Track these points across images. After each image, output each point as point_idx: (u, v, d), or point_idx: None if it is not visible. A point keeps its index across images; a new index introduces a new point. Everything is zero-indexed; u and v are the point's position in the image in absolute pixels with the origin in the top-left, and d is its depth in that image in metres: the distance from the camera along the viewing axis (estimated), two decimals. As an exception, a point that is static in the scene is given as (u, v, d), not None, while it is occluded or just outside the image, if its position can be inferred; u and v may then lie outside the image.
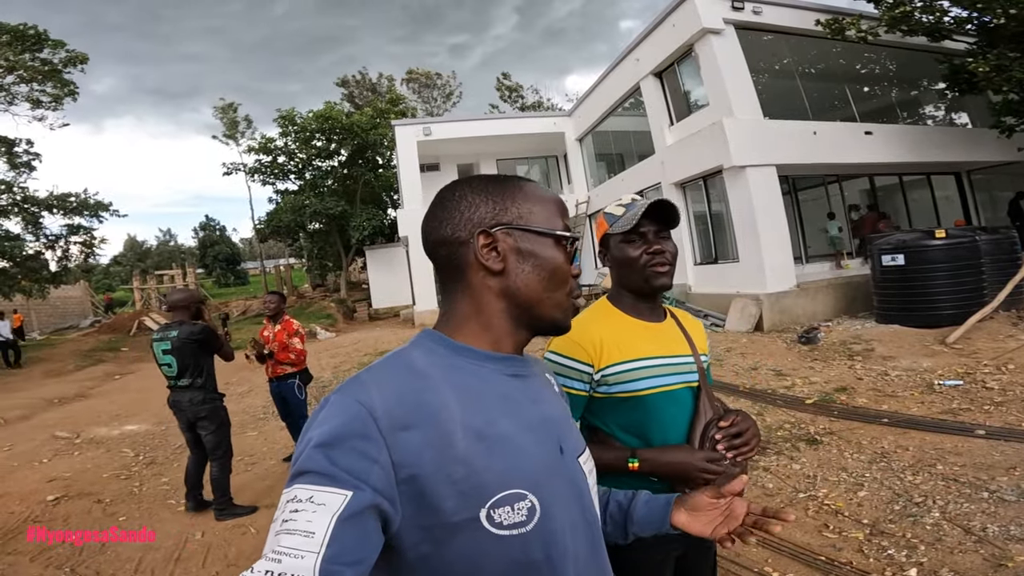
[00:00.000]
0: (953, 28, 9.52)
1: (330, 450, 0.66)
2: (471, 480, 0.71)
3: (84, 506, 4.44)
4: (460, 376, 0.78)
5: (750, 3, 10.40)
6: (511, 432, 0.77)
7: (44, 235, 17.92)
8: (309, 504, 0.63)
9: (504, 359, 0.84)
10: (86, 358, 15.62)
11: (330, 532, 0.61)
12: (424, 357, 0.80)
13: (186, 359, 3.94)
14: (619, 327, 1.40)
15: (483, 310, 0.83)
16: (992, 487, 3.35)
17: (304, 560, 0.59)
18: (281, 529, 0.62)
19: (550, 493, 0.77)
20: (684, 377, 1.38)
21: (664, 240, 1.40)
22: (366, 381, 0.74)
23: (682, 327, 1.48)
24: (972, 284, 7.58)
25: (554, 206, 0.88)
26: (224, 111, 32.60)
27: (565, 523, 0.78)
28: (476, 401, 0.76)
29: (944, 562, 2.67)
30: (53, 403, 9.78)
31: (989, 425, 4.35)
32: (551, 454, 0.81)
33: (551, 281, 0.84)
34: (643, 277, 1.39)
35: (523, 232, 0.83)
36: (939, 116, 14.87)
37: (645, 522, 1.03)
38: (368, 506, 0.64)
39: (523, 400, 0.82)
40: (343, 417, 0.68)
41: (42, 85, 16.73)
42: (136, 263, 51.67)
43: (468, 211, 0.83)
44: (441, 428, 0.71)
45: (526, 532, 0.73)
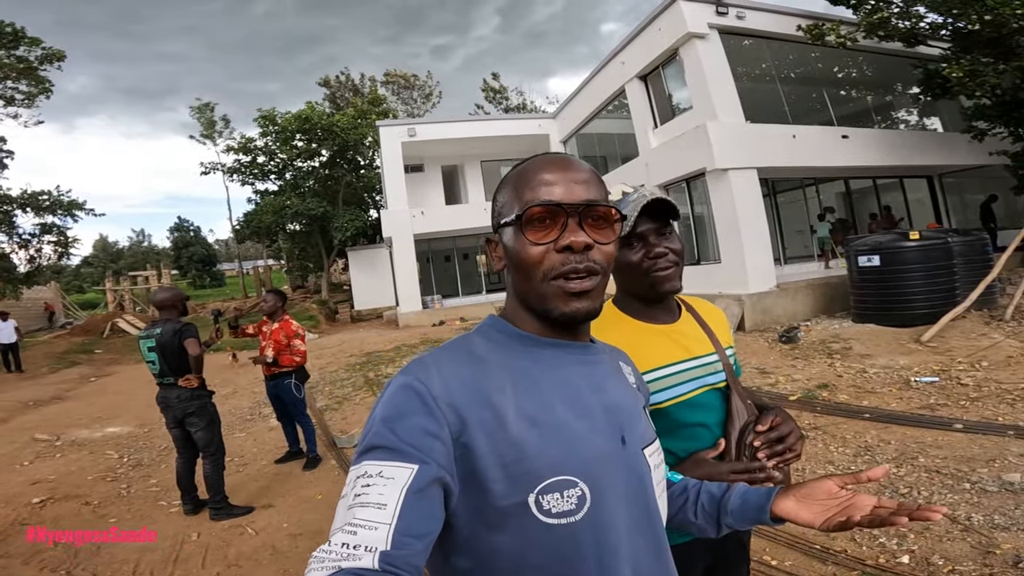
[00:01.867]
0: (928, 33, 9.79)
1: (394, 426, 0.69)
2: (521, 464, 0.71)
3: (72, 508, 4.36)
4: (518, 360, 0.80)
5: (734, 8, 10.59)
6: (567, 418, 0.76)
7: (17, 234, 17.46)
8: (379, 479, 0.65)
9: (567, 345, 0.84)
10: (60, 360, 15.25)
11: (401, 504, 0.63)
12: (485, 343, 0.82)
13: (170, 356, 3.91)
14: (630, 334, 1.24)
15: (515, 304, 0.87)
16: (973, 478, 3.47)
17: (378, 531, 0.61)
18: (355, 502, 0.64)
19: (604, 484, 0.75)
20: (708, 379, 1.27)
21: (667, 238, 1.25)
22: (428, 363, 0.76)
23: (701, 321, 1.35)
24: (945, 284, 7.82)
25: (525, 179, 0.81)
26: (200, 111, 32.09)
27: (620, 516, 0.76)
28: (532, 386, 0.77)
29: (934, 549, 2.77)
30: (29, 406, 9.54)
31: (967, 419, 4.51)
32: (610, 443, 0.78)
33: (520, 273, 0.81)
34: (647, 283, 1.25)
35: (503, 228, 0.83)
36: (913, 120, 15.28)
37: (740, 512, 0.94)
38: (433, 480, 0.66)
39: (584, 387, 0.81)
40: (405, 396, 0.71)
41: (16, 82, 16.33)
42: (108, 264, 50.53)
43: (493, 216, 0.88)
44: (495, 411, 0.73)
45: (575, 522, 0.72)
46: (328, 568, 0.59)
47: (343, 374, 9.71)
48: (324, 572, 0.59)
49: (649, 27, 11.56)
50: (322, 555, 0.61)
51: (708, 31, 10.41)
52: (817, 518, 0.86)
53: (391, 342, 12.92)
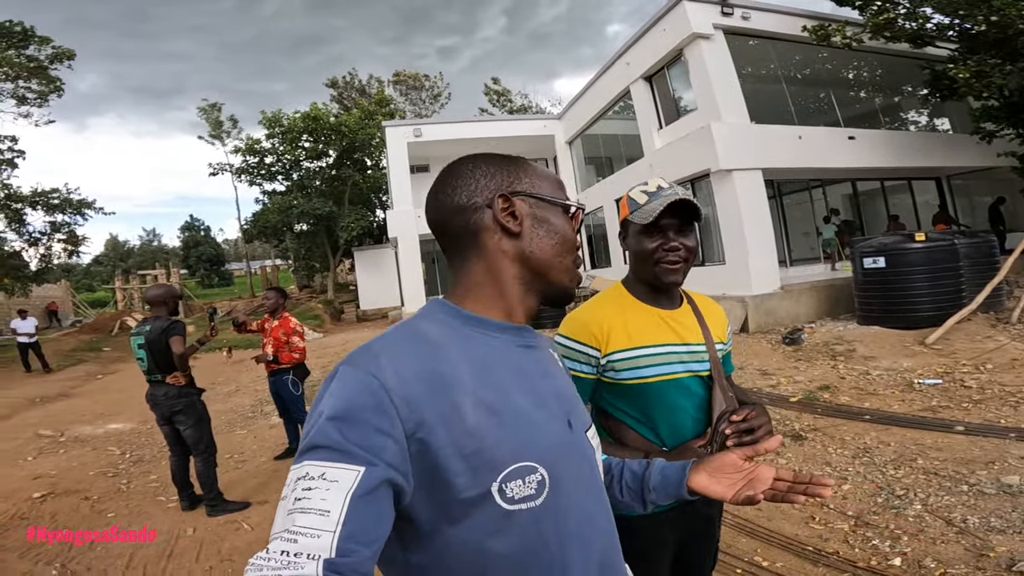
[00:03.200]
0: (935, 34, 9.72)
1: (342, 424, 0.64)
2: (483, 454, 0.70)
3: (71, 503, 4.40)
4: (472, 347, 0.77)
5: (739, 8, 10.56)
6: (523, 405, 0.76)
7: (27, 232, 17.65)
8: (322, 481, 0.61)
9: (517, 329, 0.84)
10: (67, 358, 15.39)
11: (346, 510, 0.60)
12: (435, 328, 0.78)
13: (158, 353, 3.91)
14: (629, 313, 1.39)
15: (499, 276, 0.84)
16: (972, 480, 3.44)
17: (321, 539, 0.58)
18: (295, 508, 0.61)
19: (560, 468, 0.76)
20: (693, 366, 1.37)
21: (685, 236, 1.37)
22: (378, 352, 0.72)
23: (699, 314, 1.45)
24: (951, 286, 7.75)
25: (557, 181, 0.92)
26: (207, 111, 32.29)
27: (575, 498, 0.78)
28: (488, 373, 0.76)
29: (927, 552, 2.74)
30: (35, 402, 9.63)
31: (968, 421, 4.47)
32: (561, 428, 0.80)
33: (562, 247, 0.86)
34: (654, 272, 1.37)
35: (537, 200, 0.86)
36: (921, 122, 15.16)
37: (662, 488, 1.00)
38: (382, 482, 0.63)
39: (534, 373, 0.82)
40: (355, 390, 0.67)
41: (28, 82, 16.49)
42: (118, 263, 50.99)
43: (485, 179, 0.85)
44: (454, 401, 0.70)
45: (536, 506, 0.72)
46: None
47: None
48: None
49: (654, 28, 11.54)
50: (259, 563, 0.58)
51: (713, 32, 10.38)
52: (728, 491, 0.94)
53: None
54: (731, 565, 2.81)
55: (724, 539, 3.02)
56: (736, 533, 3.14)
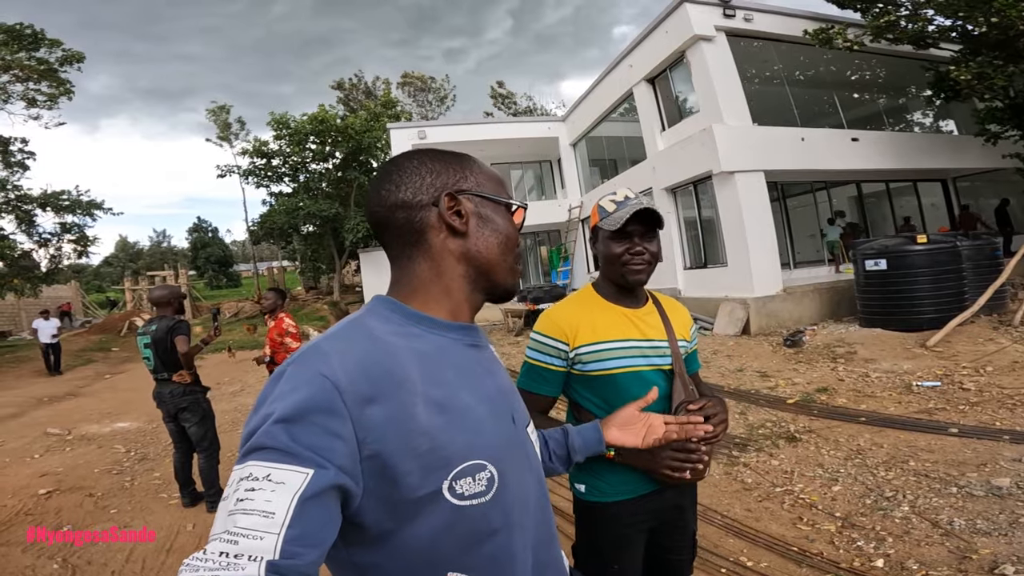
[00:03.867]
0: (937, 36, 9.69)
1: (292, 426, 0.63)
2: (434, 453, 0.70)
3: (75, 500, 4.48)
4: (419, 345, 0.77)
5: (741, 10, 10.57)
6: (471, 403, 0.77)
7: (37, 233, 17.87)
8: (267, 483, 0.60)
9: (462, 328, 0.84)
10: (76, 358, 15.56)
11: (291, 512, 0.59)
12: (382, 325, 0.78)
13: (163, 353, 4.02)
14: (596, 311, 1.52)
15: (443, 274, 0.83)
16: (961, 483, 3.46)
17: (263, 541, 0.57)
18: (236, 509, 0.59)
19: (506, 463, 0.78)
20: (655, 360, 1.48)
21: (648, 241, 1.49)
22: (327, 351, 0.70)
23: (663, 314, 1.57)
24: (953, 289, 7.73)
25: (500, 180, 0.92)
26: (216, 113, 32.46)
27: (519, 491, 0.81)
28: (436, 372, 0.76)
29: (911, 554, 2.77)
30: (43, 401, 9.77)
31: (963, 424, 4.48)
32: (506, 425, 0.83)
33: (506, 246, 0.88)
34: (621, 273, 1.49)
35: (483, 199, 0.86)
36: (926, 123, 15.08)
37: (584, 448, 1.17)
38: (330, 485, 0.62)
39: (480, 371, 0.84)
40: (307, 391, 0.65)
41: (38, 84, 16.70)
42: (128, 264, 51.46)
43: (431, 176, 0.84)
44: (404, 400, 0.70)
45: (485, 502, 0.74)
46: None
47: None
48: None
49: (656, 30, 11.57)
50: (195, 563, 0.56)
51: (715, 33, 10.40)
52: (637, 439, 1.18)
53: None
54: (716, 565, 2.84)
55: (710, 539, 3.06)
56: (723, 533, 3.18)
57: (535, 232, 19.67)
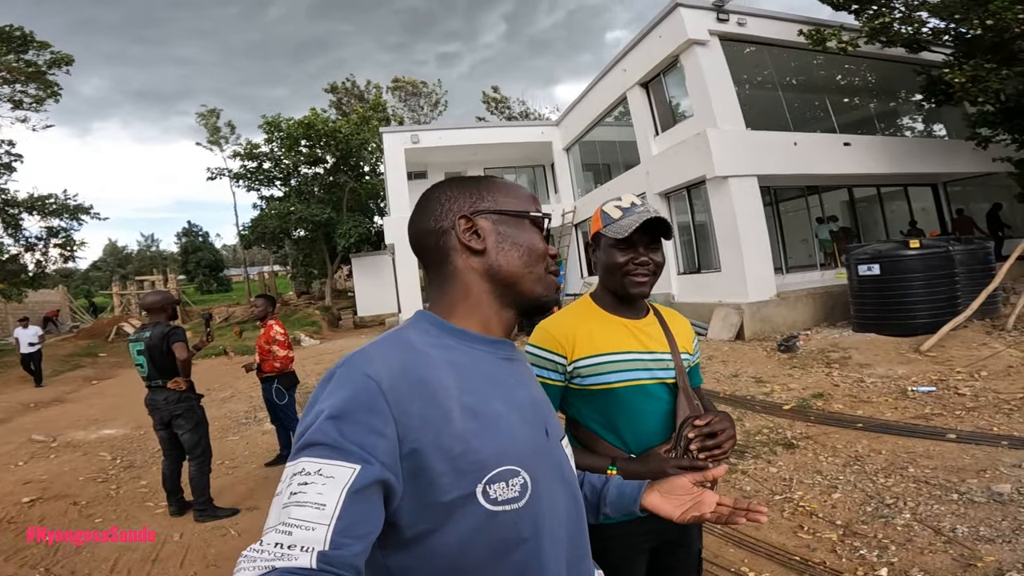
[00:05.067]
0: (931, 39, 9.74)
1: (340, 422, 0.67)
2: (468, 456, 0.73)
3: (60, 508, 4.38)
4: (454, 356, 0.81)
5: (735, 14, 10.58)
6: (503, 411, 0.80)
7: (24, 237, 17.65)
8: (318, 477, 0.64)
9: (495, 342, 0.88)
10: (64, 363, 15.37)
11: (341, 505, 0.62)
12: (420, 337, 0.82)
13: (158, 359, 3.95)
14: (596, 322, 1.44)
15: (470, 292, 0.88)
16: (962, 489, 3.42)
17: (315, 532, 0.60)
18: (290, 501, 0.63)
19: (539, 472, 0.80)
20: (658, 373, 1.40)
21: (653, 251, 1.42)
22: (372, 355, 0.75)
23: (665, 325, 1.50)
24: (946, 293, 7.73)
25: (524, 194, 0.94)
26: (205, 117, 32.27)
27: (551, 502, 0.82)
28: (469, 380, 0.79)
29: (914, 562, 2.72)
30: (30, 407, 9.62)
31: (960, 429, 4.45)
32: (538, 435, 0.85)
33: (529, 257, 0.89)
34: (622, 284, 1.42)
35: (499, 215, 0.89)
36: (916, 128, 15.18)
37: (616, 503, 1.08)
38: (376, 480, 0.65)
39: (512, 383, 0.86)
40: (352, 389, 0.70)
41: (25, 86, 16.53)
42: (116, 268, 50.99)
43: (448, 202, 0.89)
44: (440, 405, 0.73)
45: (518, 508, 0.76)
46: (260, 568, 0.58)
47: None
48: (255, 572, 0.57)
49: (650, 34, 11.57)
50: (253, 554, 0.59)
51: (709, 38, 10.41)
52: (676, 511, 1.03)
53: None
54: (716, 575, 2.79)
55: (711, 548, 3.01)
56: (723, 543, 3.12)
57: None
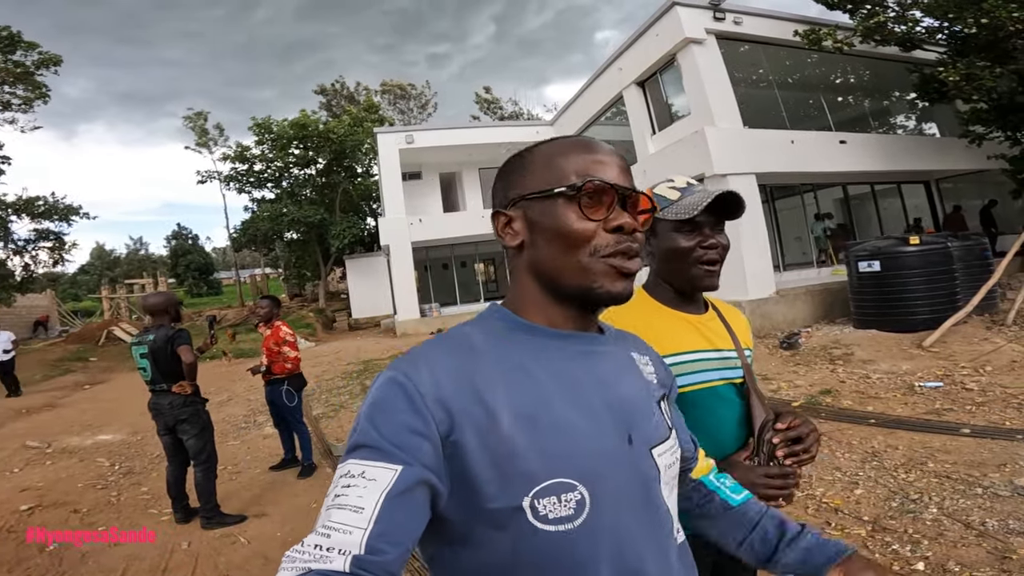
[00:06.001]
0: (925, 38, 9.80)
1: (378, 423, 0.66)
2: (515, 463, 0.67)
3: (60, 516, 4.26)
4: (516, 353, 0.75)
5: (731, 13, 10.60)
6: (567, 415, 0.71)
7: (12, 240, 17.36)
8: (361, 479, 0.63)
9: (570, 336, 0.79)
10: (54, 368, 15.10)
11: (379, 509, 0.61)
12: (483, 334, 0.78)
13: (162, 363, 3.85)
14: (658, 319, 1.28)
15: (525, 288, 0.81)
16: (985, 483, 3.40)
17: (352, 536, 0.59)
18: (333, 504, 0.62)
19: (606, 487, 0.70)
20: (727, 373, 1.29)
21: (719, 233, 1.28)
22: (416, 357, 0.72)
23: (724, 320, 1.38)
24: (946, 289, 7.77)
25: (568, 154, 0.78)
26: (193, 120, 31.95)
27: (623, 521, 0.71)
28: (527, 380, 0.72)
29: (949, 555, 2.69)
30: (21, 413, 9.41)
31: (974, 424, 4.44)
32: (613, 442, 0.74)
33: (565, 245, 0.76)
34: (691, 274, 1.27)
35: (529, 201, 0.78)
36: (910, 126, 15.30)
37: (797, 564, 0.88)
38: (417, 482, 0.63)
39: (588, 381, 0.76)
40: (390, 391, 0.68)
41: (13, 88, 16.28)
42: (104, 272, 50.38)
43: (495, 194, 0.85)
44: (486, 407, 0.68)
45: (573, 528, 0.67)
46: (298, 569, 0.57)
47: (339, 382, 9.61)
48: (294, 572, 0.57)
49: (647, 33, 11.56)
50: (294, 555, 0.59)
51: (705, 36, 10.41)
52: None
53: (388, 350, 12.82)
54: (748, 573, 2.74)
55: None
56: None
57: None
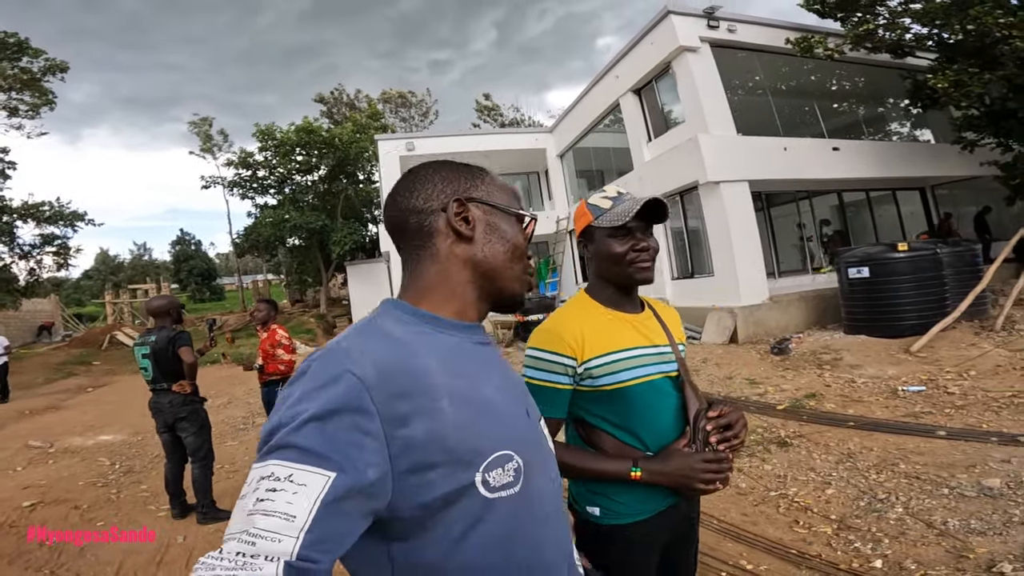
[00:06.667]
0: (914, 45, 9.89)
1: (321, 425, 0.62)
2: (465, 445, 0.71)
3: (61, 512, 4.39)
4: (434, 342, 0.79)
5: (725, 21, 10.74)
6: (492, 395, 0.79)
7: (17, 245, 17.56)
8: (289, 484, 0.59)
9: (469, 327, 0.86)
10: (56, 371, 15.27)
11: (312, 516, 0.58)
12: (396, 326, 0.79)
13: (163, 363, 4.02)
14: (600, 320, 1.40)
15: (449, 278, 0.86)
16: (952, 484, 3.50)
17: (281, 544, 0.57)
18: (256, 509, 0.58)
19: (529, 455, 0.80)
20: (663, 367, 1.39)
21: (649, 236, 1.42)
22: (350, 349, 0.71)
23: (659, 318, 1.49)
24: (935, 295, 7.85)
25: (513, 193, 0.95)
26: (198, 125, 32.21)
27: (543, 484, 0.82)
28: (455, 366, 0.77)
29: (908, 554, 2.79)
30: (24, 414, 9.57)
31: (950, 426, 4.54)
32: (524, 417, 0.85)
33: (512, 254, 0.90)
34: (627, 272, 1.40)
35: (491, 208, 0.89)
36: (904, 132, 15.38)
37: None
38: (353, 489, 0.62)
39: (492, 366, 0.85)
40: (333, 388, 0.65)
41: (20, 94, 16.51)
42: (108, 277, 50.66)
43: (443, 183, 0.88)
44: (430, 395, 0.70)
45: (515, 493, 0.75)
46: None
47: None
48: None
49: (642, 41, 11.70)
50: (211, 562, 0.56)
51: (700, 44, 10.54)
52: None
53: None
54: (716, 569, 2.85)
55: (709, 543, 3.07)
56: (721, 537, 3.19)
57: (523, 243, 19.71)
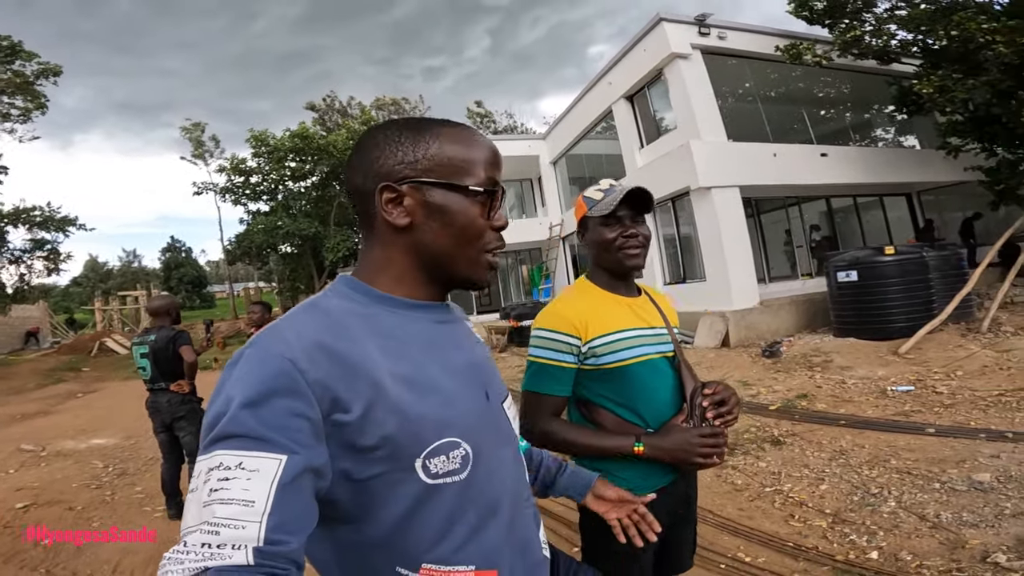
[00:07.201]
0: (900, 51, 10.06)
1: (257, 410, 0.61)
2: (405, 429, 0.69)
3: (56, 513, 4.36)
4: (381, 323, 0.75)
5: (716, 28, 10.88)
6: (440, 379, 0.75)
7: (8, 250, 17.40)
8: (240, 471, 0.58)
9: (425, 306, 0.81)
10: (47, 377, 15.13)
11: (271, 500, 0.58)
12: (342, 304, 0.75)
13: (162, 362, 4.03)
14: (600, 302, 1.50)
15: (393, 263, 0.80)
16: (943, 479, 3.57)
17: (246, 530, 0.56)
18: (212, 499, 0.57)
19: (481, 440, 0.77)
20: (660, 347, 1.48)
21: (639, 224, 1.50)
22: (284, 331, 0.68)
23: (655, 302, 1.60)
24: (922, 298, 7.97)
25: (477, 152, 0.81)
26: (190, 131, 32.10)
27: (497, 468, 0.80)
28: (400, 348, 0.74)
29: (902, 546, 2.84)
30: (15, 419, 9.48)
31: (939, 424, 4.62)
32: (479, 400, 0.81)
33: (462, 237, 0.79)
34: (617, 258, 1.48)
35: (432, 186, 0.77)
36: (889, 138, 15.58)
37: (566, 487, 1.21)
38: (304, 468, 0.61)
39: (448, 346, 0.82)
40: (267, 372, 0.63)
41: (12, 98, 16.41)
42: (97, 284, 50.21)
43: (377, 161, 0.78)
44: (367, 377, 0.68)
45: (460, 480, 0.73)
46: (189, 569, 0.54)
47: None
48: (185, 573, 0.54)
49: (635, 48, 11.83)
50: (178, 555, 0.55)
51: (691, 51, 10.67)
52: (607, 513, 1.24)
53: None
54: (714, 561, 2.89)
55: (706, 536, 3.11)
56: (718, 531, 3.24)
57: (516, 251, 19.70)
